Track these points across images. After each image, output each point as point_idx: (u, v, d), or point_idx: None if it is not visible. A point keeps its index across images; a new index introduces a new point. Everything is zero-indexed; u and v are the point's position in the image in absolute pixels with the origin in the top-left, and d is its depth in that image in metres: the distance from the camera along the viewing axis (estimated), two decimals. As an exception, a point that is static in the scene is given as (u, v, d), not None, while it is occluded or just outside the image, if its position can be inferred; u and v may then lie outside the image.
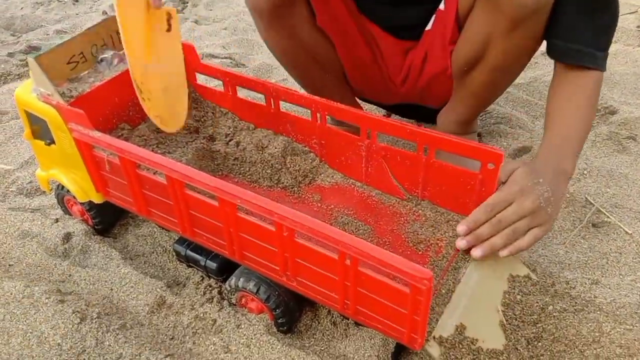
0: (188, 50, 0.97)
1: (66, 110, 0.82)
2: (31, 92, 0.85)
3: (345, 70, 1.12)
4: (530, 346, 0.76)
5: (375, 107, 1.33)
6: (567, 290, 0.87)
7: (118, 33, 0.90)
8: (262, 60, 1.68)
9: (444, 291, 0.76)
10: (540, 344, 0.77)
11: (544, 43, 0.90)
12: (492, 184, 0.78)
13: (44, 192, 1.14)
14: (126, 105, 0.93)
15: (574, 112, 0.86)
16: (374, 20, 1.06)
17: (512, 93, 1.41)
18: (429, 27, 1.02)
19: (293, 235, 0.69)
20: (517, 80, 1.40)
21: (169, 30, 0.88)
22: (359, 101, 1.24)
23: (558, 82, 0.90)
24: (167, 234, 1.02)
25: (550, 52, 0.89)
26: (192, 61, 0.98)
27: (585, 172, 1.10)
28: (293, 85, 1.24)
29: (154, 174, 0.80)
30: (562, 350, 0.77)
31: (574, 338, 0.78)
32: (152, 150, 0.89)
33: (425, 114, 1.19)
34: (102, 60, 0.89)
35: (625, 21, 1.75)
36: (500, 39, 0.88)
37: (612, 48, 1.59)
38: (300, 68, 1.11)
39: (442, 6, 0.98)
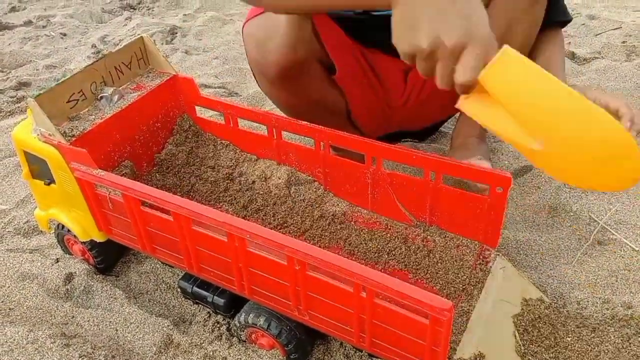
0: (187, 83, 0.96)
1: (68, 150, 0.80)
2: (31, 132, 0.84)
3: (351, 109, 1.12)
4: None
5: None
6: (579, 311, 0.87)
7: (117, 69, 0.90)
8: (255, 89, 1.68)
9: (459, 319, 0.75)
10: (558, 367, 0.76)
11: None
12: (501, 208, 0.77)
13: (42, 231, 1.12)
14: (128, 142, 0.92)
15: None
16: (374, 46, 1.06)
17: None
18: None
19: (305, 269, 0.68)
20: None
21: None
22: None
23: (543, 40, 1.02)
24: (170, 270, 1.00)
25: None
26: (191, 94, 0.98)
27: (587, 189, 1.10)
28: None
29: (153, 209, 0.79)
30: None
31: (595, 358, 0.77)
32: (157, 187, 0.88)
33: (416, 135, 1.25)
34: (101, 97, 0.88)
35: (611, 37, 1.78)
36: (522, 19, 0.93)
37: (600, 64, 1.62)
38: (304, 116, 1.11)
39: None
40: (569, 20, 1.09)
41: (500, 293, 0.79)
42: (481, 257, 0.82)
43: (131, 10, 2.73)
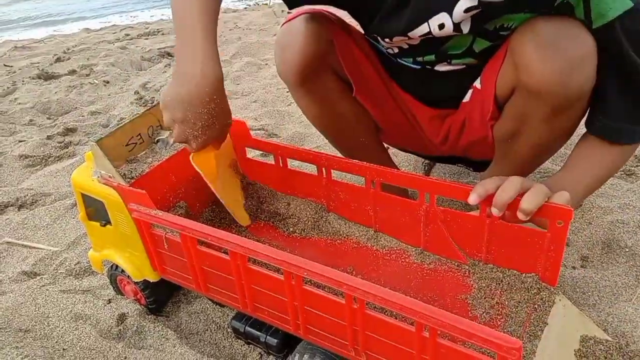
0: (239, 126, 0.99)
1: (127, 192, 0.83)
2: (92, 175, 0.87)
3: (382, 130, 1.13)
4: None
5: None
6: (644, 351, 0.83)
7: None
8: (294, 130, 1.71)
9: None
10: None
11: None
12: (562, 243, 0.76)
13: (93, 272, 1.14)
14: (182, 183, 0.95)
15: (595, 165, 0.89)
16: (407, 91, 1.07)
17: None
18: (466, 99, 1.01)
19: (364, 307, 0.68)
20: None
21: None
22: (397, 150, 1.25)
23: (592, 141, 0.89)
24: (220, 310, 1.00)
25: (590, 128, 0.89)
26: (243, 136, 1.00)
27: (640, 224, 1.08)
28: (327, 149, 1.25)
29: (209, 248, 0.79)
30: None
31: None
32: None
33: (470, 162, 1.20)
34: (158, 140, 0.91)
35: None
36: (541, 124, 0.87)
37: None
38: (332, 131, 1.13)
39: (478, 84, 0.97)
40: (631, 143, 0.88)
41: (562, 332, 0.77)
42: (541, 295, 0.80)
43: (169, 57, 2.84)
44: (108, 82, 2.49)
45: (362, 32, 1.03)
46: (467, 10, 0.80)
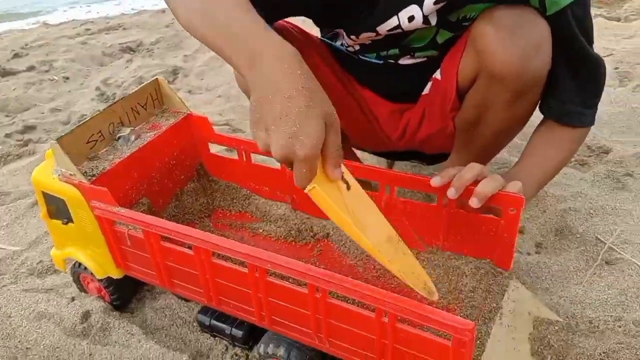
0: (201, 122, 0.99)
1: (89, 189, 0.83)
2: (52, 173, 0.86)
3: (343, 127, 1.14)
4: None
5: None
6: (592, 330, 0.88)
7: (133, 110, 0.93)
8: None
9: (476, 341, 0.76)
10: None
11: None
12: (514, 229, 0.79)
13: (56, 270, 1.12)
14: (145, 180, 0.95)
15: (547, 155, 0.94)
16: (368, 87, 1.08)
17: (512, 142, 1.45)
18: (425, 91, 1.03)
19: (326, 296, 0.70)
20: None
21: (348, 188, 0.72)
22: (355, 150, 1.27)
23: (544, 130, 0.95)
24: (185, 305, 1.01)
25: (544, 111, 0.94)
26: (205, 132, 1.01)
27: (591, 211, 1.13)
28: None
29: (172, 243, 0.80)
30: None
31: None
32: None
33: (424, 157, 1.23)
34: (119, 137, 0.91)
35: (602, 64, 1.83)
36: (502, 108, 0.91)
37: (594, 90, 1.66)
38: None
39: (438, 75, 0.99)
40: (587, 126, 0.93)
41: (516, 315, 0.80)
42: (495, 279, 0.84)
43: (131, 52, 2.79)
44: (68, 78, 2.43)
45: (319, 36, 1.04)
46: (436, 2, 0.83)
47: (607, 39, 2.11)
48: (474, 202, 0.77)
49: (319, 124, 0.61)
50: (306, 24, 1.02)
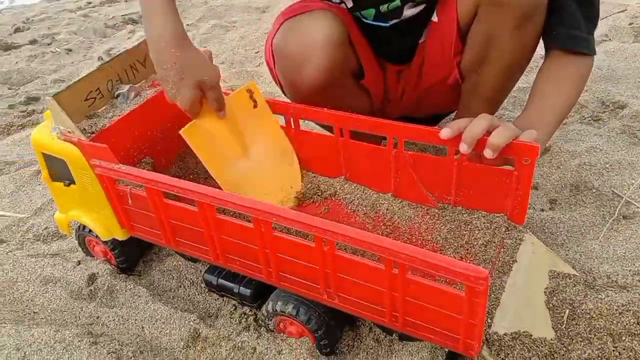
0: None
1: (88, 146, 0.80)
2: (51, 131, 0.84)
3: (374, 93, 1.10)
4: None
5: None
6: (609, 284, 0.85)
7: (132, 67, 0.90)
8: (263, 90, 1.68)
9: (491, 295, 0.74)
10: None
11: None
12: (528, 180, 0.76)
13: (62, 236, 1.11)
14: (146, 138, 0.92)
15: (557, 93, 0.89)
16: (377, 54, 1.06)
17: (519, 97, 1.41)
18: (422, 39, 1.01)
19: (334, 249, 0.67)
20: (523, 85, 1.41)
21: (255, 106, 0.92)
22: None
23: (549, 65, 0.92)
24: (192, 267, 0.99)
25: (551, 38, 0.91)
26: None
27: (607, 166, 1.09)
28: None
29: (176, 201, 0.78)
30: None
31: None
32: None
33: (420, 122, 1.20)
34: (118, 95, 0.88)
35: (617, 20, 1.77)
36: (508, 39, 0.88)
37: (609, 46, 1.61)
38: None
39: (435, 18, 0.96)
40: (592, 54, 0.90)
41: (531, 268, 0.78)
42: (509, 234, 0.81)
43: (133, 24, 2.75)
44: (71, 50, 2.41)
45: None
46: None
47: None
48: (487, 153, 0.74)
49: (188, 91, 0.83)
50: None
